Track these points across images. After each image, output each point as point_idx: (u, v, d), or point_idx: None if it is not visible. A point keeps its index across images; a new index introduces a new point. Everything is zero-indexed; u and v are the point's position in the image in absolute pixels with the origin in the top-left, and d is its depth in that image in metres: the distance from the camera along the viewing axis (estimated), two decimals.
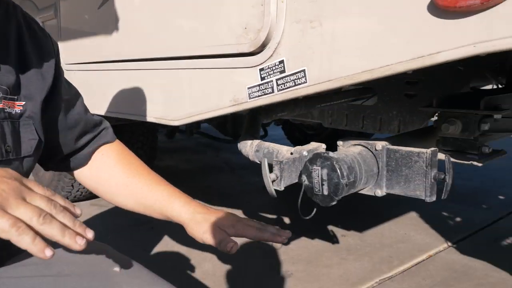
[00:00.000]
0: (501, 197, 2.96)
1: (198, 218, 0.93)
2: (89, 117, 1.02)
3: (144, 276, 0.96)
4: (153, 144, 2.87)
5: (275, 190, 1.14)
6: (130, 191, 1.00)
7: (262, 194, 3.01)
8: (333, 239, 2.29)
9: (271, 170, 1.13)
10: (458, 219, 2.58)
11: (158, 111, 1.37)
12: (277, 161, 1.12)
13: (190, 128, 3.06)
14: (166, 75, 1.29)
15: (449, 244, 2.23)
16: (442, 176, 1.03)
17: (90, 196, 2.82)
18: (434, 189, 1.06)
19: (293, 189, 1.08)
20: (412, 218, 2.59)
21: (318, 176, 1.06)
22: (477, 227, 2.44)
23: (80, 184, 2.61)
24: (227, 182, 3.32)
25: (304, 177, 1.09)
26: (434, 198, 1.06)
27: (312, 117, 2.07)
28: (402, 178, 1.09)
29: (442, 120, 1.13)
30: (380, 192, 1.14)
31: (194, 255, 2.10)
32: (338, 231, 2.39)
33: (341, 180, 1.03)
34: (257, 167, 1.13)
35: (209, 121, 2.79)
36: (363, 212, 2.71)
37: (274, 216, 2.60)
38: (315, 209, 1.11)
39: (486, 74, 1.47)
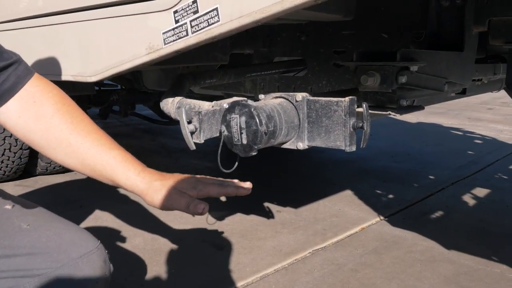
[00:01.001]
0: (431, 177, 3.07)
1: (156, 186, 0.86)
2: None
3: (40, 213, 0.92)
4: None
5: (195, 143, 1.11)
6: (74, 150, 0.87)
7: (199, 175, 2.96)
8: (268, 214, 2.28)
9: (190, 122, 1.09)
10: (390, 196, 2.65)
11: (75, 69, 1.29)
12: (196, 111, 1.08)
13: (124, 109, 2.97)
14: (80, 28, 1.22)
15: (381, 218, 2.28)
16: (361, 124, 1.03)
17: (15, 176, 2.67)
18: (354, 139, 1.06)
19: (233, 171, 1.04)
20: (346, 195, 2.64)
21: (237, 125, 1.03)
22: (408, 203, 2.51)
23: (2, 162, 2.47)
24: (163, 164, 3.25)
25: (223, 127, 1.06)
26: (354, 148, 1.06)
27: (245, 90, 2.05)
28: (323, 129, 1.08)
29: (362, 73, 1.14)
30: (302, 145, 1.12)
31: (124, 230, 2.03)
32: (273, 207, 2.39)
33: (260, 127, 1.00)
34: (194, 150, 1.08)
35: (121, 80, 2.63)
36: (299, 190, 2.73)
37: None
38: (236, 163, 1.08)
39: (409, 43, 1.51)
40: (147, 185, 0.86)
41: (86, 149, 0.87)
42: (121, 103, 2.96)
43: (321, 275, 1.68)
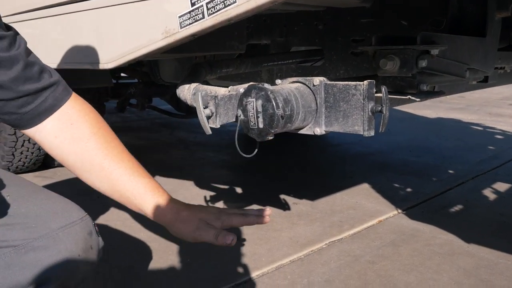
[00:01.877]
0: (450, 171, 3.02)
1: (183, 217, 0.89)
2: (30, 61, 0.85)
3: (24, 185, 0.91)
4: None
5: (211, 128, 1.10)
6: (106, 175, 0.88)
7: (214, 168, 2.96)
8: (284, 206, 2.27)
9: (206, 107, 1.08)
10: (409, 189, 2.62)
11: (92, 56, 1.29)
12: (212, 96, 1.07)
13: (141, 102, 2.98)
14: (96, 15, 1.22)
15: (399, 211, 2.25)
16: (379, 108, 1.01)
17: (34, 167, 2.70)
18: (372, 123, 1.04)
19: (245, 159, 1.03)
20: (364, 188, 2.61)
21: (253, 109, 1.02)
22: (427, 196, 2.47)
23: (22, 153, 2.51)
24: (179, 156, 3.26)
25: (239, 112, 1.05)
26: (372, 133, 1.04)
27: (261, 81, 2.04)
28: (341, 114, 1.06)
29: (381, 58, 1.12)
30: (319, 131, 1.11)
31: (140, 220, 2.03)
32: (290, 200, 2.37)
33: (276, 111, 0.99)
34: (211, 143, 1.08)
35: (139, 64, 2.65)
36: (315, 183, 2.71)
37: (226, 187, 2.56)
38: (256, 149, 1.07)
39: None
40: (175, 215, 0.89)
41: (118, 176, 0.89)
42: (138, 96, 2.98)
43: (337, 266, 1.66)
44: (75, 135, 0.88)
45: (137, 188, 0.89)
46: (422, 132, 4.36)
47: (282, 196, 2.42)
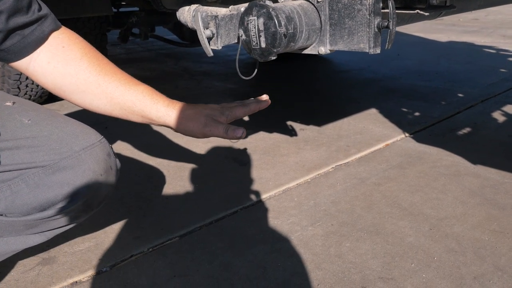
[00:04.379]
0: (460, 95, 2.97)
1: (190, 115, 0.90)
2: None
3: (41, 109, 0.94)
4: (102, 45, 2.72)
5: (213, 49, 1.07)
6: (103, 90, 0.90)
7: (221, 96, 2.95)
8: (291, 133, 2.28)
9: (207, 28, 1.05)
10: (417, 113, 2.59)
11: None
12: (212, 16, 1.04)
13: (144, 31, 2.91)
14: None
15: (406, 134, 2.25)
16: (386, 24, 0.97)
17: (40, 101, 2.71)
18: (378, 40, 1.01)
19: (251, 87, 1.01)
20: (371, 113, 2.59)
21: (255, 27, 0.98)
22: (434, 120, 2.46)
23: (27, 86, 2.50)
24: (185, 86, 3.23)
25: (241, 32, 1.02)
26: (378, 50, 1.01)
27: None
28: (346, 32, 1.03)
29: None
30: (323, 50, 1.08)
31: (149, 149, 2.06)
32: (296, 126, 2.37)
33: (279, 29, 0.96)
34: (217, 72, 1.06)
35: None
36: (323, 110, 2.70)
37: None
38: (256, 69, 1.05)
39: None
40: (180, 114, 0.89)
41: (114, 88, 0.90)
42: (140, 25, 2.90)
43: (343, 189, 1.69)
44: (68, 57, 0.89)
45: (135, 96, 0.90)
46: (432, 56, 4.26)
47: (289, 123, 2.42)
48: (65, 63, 0.89)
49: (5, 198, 0.87)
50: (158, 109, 0.90)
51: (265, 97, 1.01)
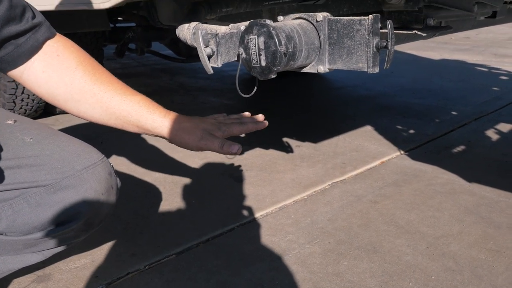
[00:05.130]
0: (453, 112, 3.00)
1: (186, 127, 0.89)
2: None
3: (43, 128, 0.94)
4: (98, 59, 2.72)
5: (213, 67, 1.08)
6: (98, 99, 0.88)
7: (217, 112, 2.94)
8: (287, 149, 2.28)
9: (207, 46, 1.06)
10: (411, 131, 2.61)
11: None
12: (212, 34, 1.05)
13: (140, 46, 2.92)
14: None
15: (402, 152, 2.26)
16: (385, 44, 0.99)
17: (35, 115, 2.69)
18: (377, 60, 1.02)
19: (247, 104, 1.02)
20: (366, 130, 2.61)
21: (255, 46, 0.99)
22: (429, 138, 2.47)
23: (22, 101, 2.49)
24: (181, 101, 3.23)
25: (241, 50, 1.03)
26: (377, 70, 1.02)
27: (262, 19, 1.98)
28: (345, 51, 1.04)
29: None
30: (322, 68, 1.09)
31: (145, 164, 2.06)
32: (292, 142, 2.38)
33: (279, 47, 0.97)
34: (213, 88, 1.06)
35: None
36: (318, 126, 2.71)
37: None
38: (255, 87, 1.06)
39: None
40: (176, 126, 0.88)
41: (110, 97, 0.88)
42: (137, 41, 2.91)
43: (340, 206, 1.69)
44: (63, 66, 0.88)
45: (131, 105, 0.89)
46: (425, 74, 4.30)
47: (285, 139, 2.42)
48: (60, 72, 0.88)
49: (7, 217, 0.87)
50: (154, 120, 0.89)
51: (261, 117, 1.01)
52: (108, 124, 0.92)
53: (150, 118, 0.89)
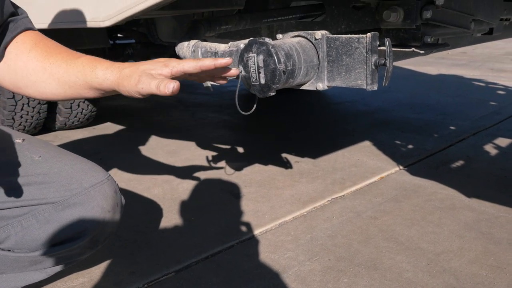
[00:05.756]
0: (452, 127, 3.01)
1: (126, 73, 0.81)
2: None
3: (50, 146, 0.95)
4: None
5: (212, 85, 1.08)
6: (49, 73, 0.88)
7: (215, 128, 2.96)
8: (286, 165, 2.28)
9: None
10: (410, 146, 2.62)
11: (88, 14, 1.27)
12: (212, 52, 1.05)
13: None
14: None
15: (401, 167, 2.26)
16: (383, 61, 0.99)
17: (34, 131, 2.70)
18: (375, 77, 1.02)
19: (246, 119, 1.03)
20: (365, 146, 2.61)
21: (254, 64, 1.00)
22: (428, 153, 2.48)
23: (22, 117, 2.50)
24: (179, 117, 3.24)
25: (240, 68, 1.03)
26: (375, 87, 1.03)
27: (261, 36, 2.00)
28: (343, 68, 1.04)
29: (384, 9, 1.09)
30: (321, 86, 1.09)
31: (144, 181, 2.05)
32: (291, 158, 2.38)
33: (278, 65, 0.97)
34: (212, 104, 1.07)
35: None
36: (317, 142, 2.71)
37: (228, 147, 2.56)
38: (255, 105, 1.06)
39: None
40: (117, 74, 0.82)
41: (57, 67, 0.88)
42: (136, 57, 2.93)
43: (339, 222, 1.68)
44: (19, 51, 0.89)
45: (76, 69, 0.86)
46: (423, 89, 4.33)
47: (284, 155, 2.42)
48: (16, 59, 0.89)
49: (16, 234, 0.88)
50: (97, 75, 0.84)
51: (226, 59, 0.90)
52: (68, 97, 0.90)
53: (94, 75, 0.84)
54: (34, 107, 2.53)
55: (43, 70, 0.88)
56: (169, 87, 0.75)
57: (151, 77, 0.78)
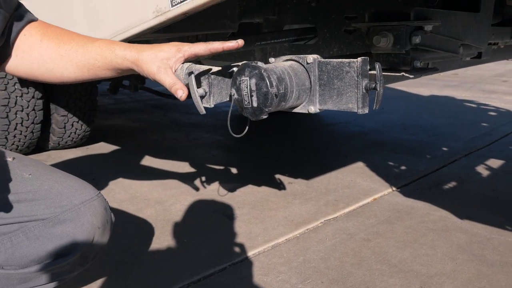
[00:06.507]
0: (444, 148, 3.03)
1: (146, 57, 0.91)
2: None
3: (40, 165, 0.96)
4: (92, 96, 2.76)
5: (205, 107, 1.09)
6: (67, 59, 0.94)
7: (209, 148, 2.96)
8: (279, 186, 2.28)
9: (200, 86, 1.07)
10: (403, 167, 2.63)
11: None
12: (205, 76, 1.07)
13: (134, 83, 2.95)
14: None
15: (394, 189, 2.27)
16: (373, 85, 1.01)
17: (28, 151, 2.69)
18: (366, 100, 1.04)
19: (239, 140, 1.04)
20: (358, 167, 2.62)
21: (247, 87, 1.01)
22: (421, 174, 2.49)
23: (15, 137, 2.49)
24: (174, 138, 3.25)
25: (233, 91, 1.04)
26: (366, 110, 1.04)
27: (255, 59, 2.02)
28: (335, 92, 1.06)
29: (374, 35, 1.11)
30: (313, 109, 1.11)
31: (137, 202, 2.04)
32: (285, 179, 2.38)
33: (270, 89, 0.98)
34: (206, 124, 1.09)
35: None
36: (310, 163, 2.72)
37: (221, 167, 2.56)
38: (247, 127, 1.07)
39: None
40: (136, 56, 0.91)
41: (75, 52, 0.94)
42: (131, 78, 2.95)
43: (332, 244, 1.68)
44: (30, 43, 0.94)
45: (95, 52, 0.93)
46: (415, 110, 4.37)
47: (277, 176, 2.43)
48: (29, 51, 0.94)
49: (5, 250, 0.89)
50: (116, 55, 0.92)
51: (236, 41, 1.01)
52: (85, 79, 0.97)
53: (113, 55, 0.92)
54: (28, 126, 2.53)
55: (59, 57, 0.93)
56: (179, 94, 0.91)
57: (169, 71, 0.92)
